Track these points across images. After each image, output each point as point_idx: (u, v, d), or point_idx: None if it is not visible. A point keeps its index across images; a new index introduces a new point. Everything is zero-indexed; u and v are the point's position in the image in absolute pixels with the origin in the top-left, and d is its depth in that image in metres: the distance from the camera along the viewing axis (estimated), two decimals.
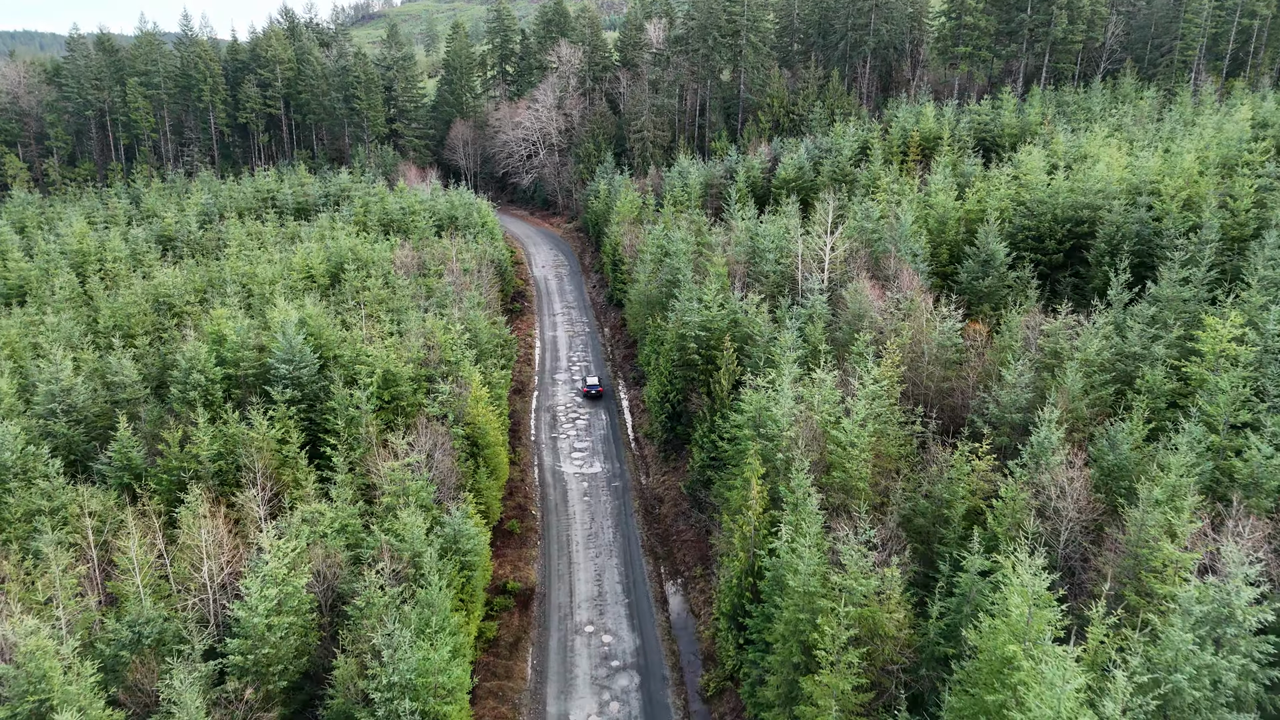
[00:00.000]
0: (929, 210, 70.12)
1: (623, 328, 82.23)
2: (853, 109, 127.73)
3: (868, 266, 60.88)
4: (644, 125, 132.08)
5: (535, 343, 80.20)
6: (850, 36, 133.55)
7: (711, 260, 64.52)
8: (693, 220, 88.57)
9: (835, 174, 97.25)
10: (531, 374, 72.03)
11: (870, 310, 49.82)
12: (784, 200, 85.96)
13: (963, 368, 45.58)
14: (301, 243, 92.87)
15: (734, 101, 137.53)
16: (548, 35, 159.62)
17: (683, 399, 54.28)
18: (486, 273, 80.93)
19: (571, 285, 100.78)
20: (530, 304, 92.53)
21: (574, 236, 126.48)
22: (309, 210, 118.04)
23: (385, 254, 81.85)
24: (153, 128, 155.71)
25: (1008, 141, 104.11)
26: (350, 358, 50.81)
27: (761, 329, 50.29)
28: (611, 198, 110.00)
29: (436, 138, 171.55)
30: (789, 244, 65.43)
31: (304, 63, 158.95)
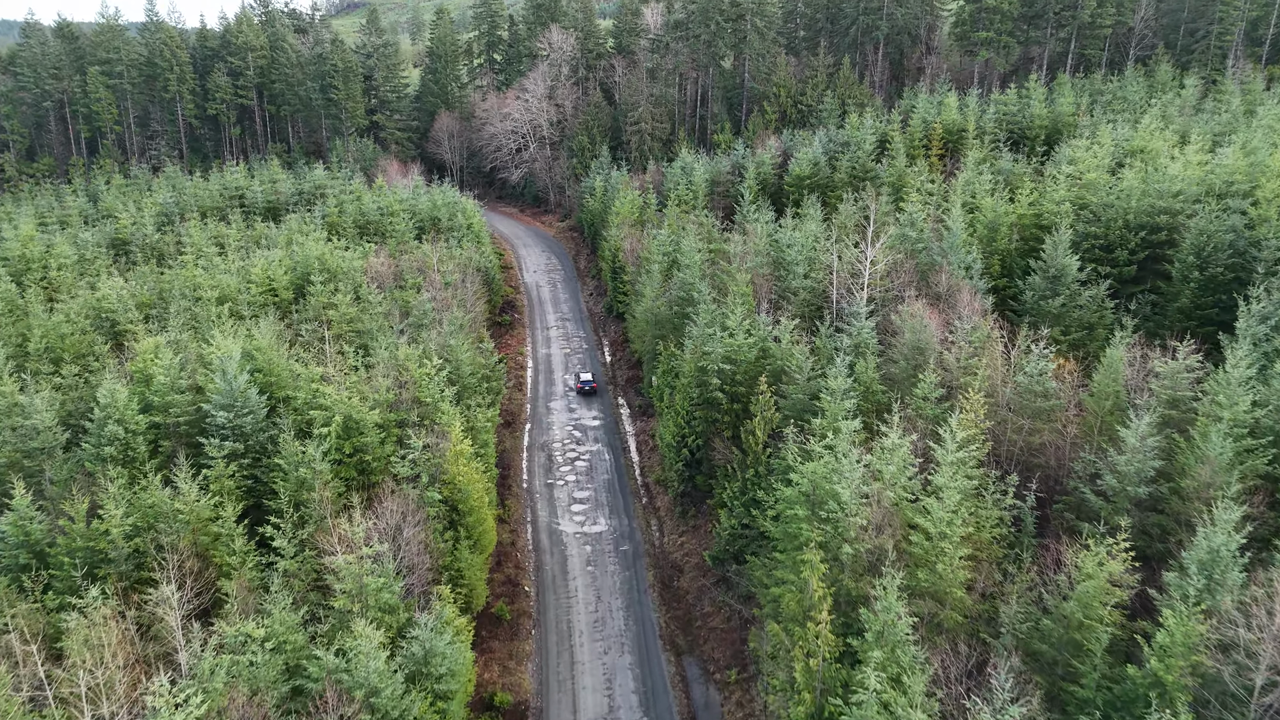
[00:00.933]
0: (975, 215, 61.64)
1: (624, 344, 73.62)
2: (866, 99, 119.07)
3: (914, 283, 52.36)
4: (641, 116, 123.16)
5: (527, 362, 71.47)
6: (862, 21, 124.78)
7: (732, 276, 55.87)
8: (700, 223, 79.89)
9: (855, 171, 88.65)
10: (523, 402, 63.32)
11: (931, 341, 41.30)
12: (805, 201, 77.29)
13: (1054, 417, 37.14)
14: (267, 248, 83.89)
15: (737, 91, 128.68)
16: (537, 21, 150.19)
17: (703, 443, 45.77)
18: (472, 283, 72.11)
19: (566, 293, 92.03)
20: (521, 315, 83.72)
21: (567, 236, 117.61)
22: (280, 210, 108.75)
23: (357, 263, 72.87)
24: (116, 120, 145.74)
25: (1039, 134, 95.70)
26: (304, 400, 42.05)
27: (799, 363, 41.74)
28: (609, 197, 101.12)
29: (420, 130, 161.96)
30: (819, 254, 56.83)
31: (278, 50, 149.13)
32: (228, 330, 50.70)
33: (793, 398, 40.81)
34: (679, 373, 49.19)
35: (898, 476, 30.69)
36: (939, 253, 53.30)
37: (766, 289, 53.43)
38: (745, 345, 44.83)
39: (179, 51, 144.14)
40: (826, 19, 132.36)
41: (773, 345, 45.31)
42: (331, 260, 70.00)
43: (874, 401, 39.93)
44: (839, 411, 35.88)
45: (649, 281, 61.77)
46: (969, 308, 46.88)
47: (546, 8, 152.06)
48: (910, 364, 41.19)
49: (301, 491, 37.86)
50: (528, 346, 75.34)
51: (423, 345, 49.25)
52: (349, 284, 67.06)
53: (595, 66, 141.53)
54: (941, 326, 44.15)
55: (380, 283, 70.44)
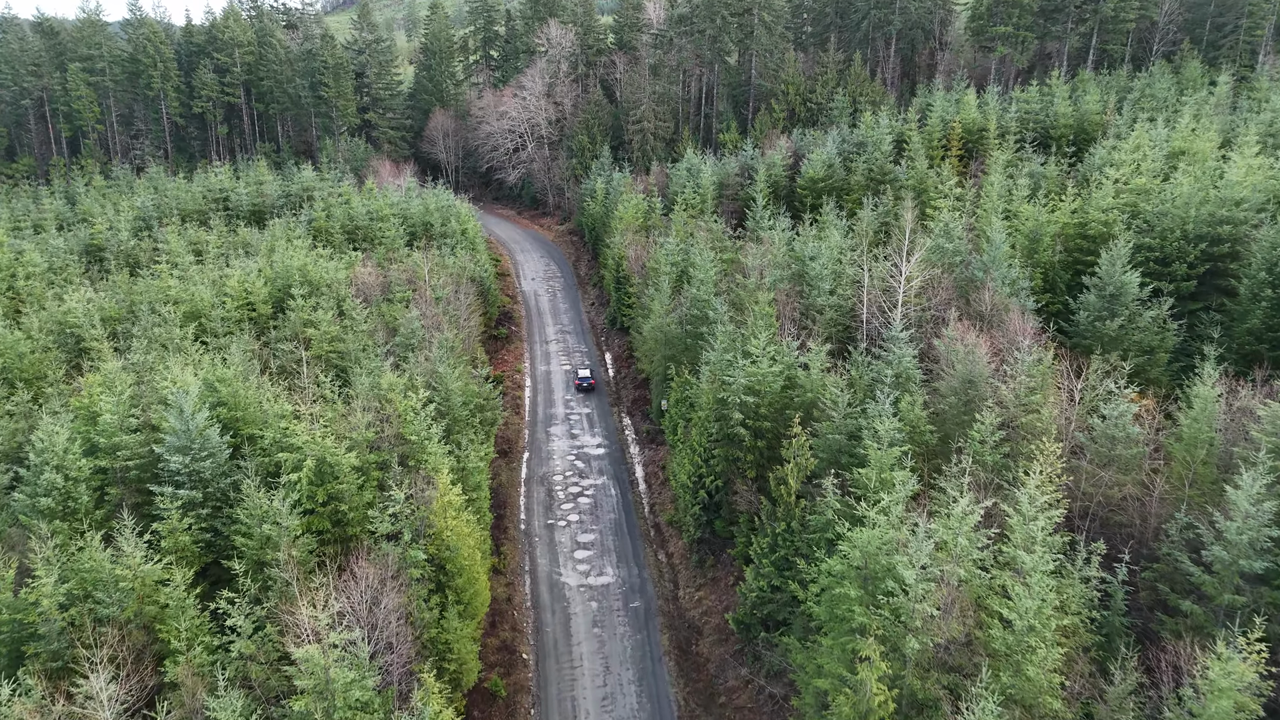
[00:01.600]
0: (1013, 223, 56.65)
1: (629, 359, 68.62)
2: (879, 97, 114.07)
3: (953, 301, 47.36)
4: (644, 115, 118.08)
5: (525, 381, 66.41)
6: (873, 16, 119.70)
7: (751, 292, 50.85)
8: (710, 229, 74.86)
9: (872, 173, 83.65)
10: (520, 427, 58.27)
11: (984, 373, 36.30)
12: (823, 206, 72.26)
13: (1136, 465, 32.16)
14: (249, 256, 78.80)
15: (744, 88, 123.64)
16: (535, 16, 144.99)
17: (723, 485, 40.79)
18: (466, 296, 67.05)
19: (566, 302, 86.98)
20: (519, 327, 78.65)
21: (567, 241, 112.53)
22: (266, 213, 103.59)
23: (343, 273, 67.80)
24: (98, 118, 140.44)
25: (1064, 134, 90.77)
26: (272, 440, 37.02)
27: (834, 397, 36.74)
28: (610, 200, 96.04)
29: (414, 129, 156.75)
30: (845, 267, 51.79)
31: (266, 46, 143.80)
32: (191, 357, 45.62)
33: (828, 438, 35.80)
34: (694, 403, 44.18)
35: (968, 549, 25.70)
36: (979, 267, 48.29)
37: (788, 307, 48.41)
38: (770, 374, 39.82)
39: (163, 47, 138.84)
40: (836, 13, 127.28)
41: (800, 374, 40.30)
42: (314, 271, 64.92)
43: (922, 443, 34.96)
44: (886, 460, 30.91)
45: (657, 296, 56.75)
46: (1019, 331, 41.90)
47: (545, 2, 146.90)
48: (961, 399, 36.20)
49: (266, 550, 32.86)
50: (526, 363, 70.27)
51: (409, 372, 44.18)
52: (333, 298, 62.00)
53: (595, 63, 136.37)
54: (990, 353, 39.16)
55: (367, 295, 65.41)
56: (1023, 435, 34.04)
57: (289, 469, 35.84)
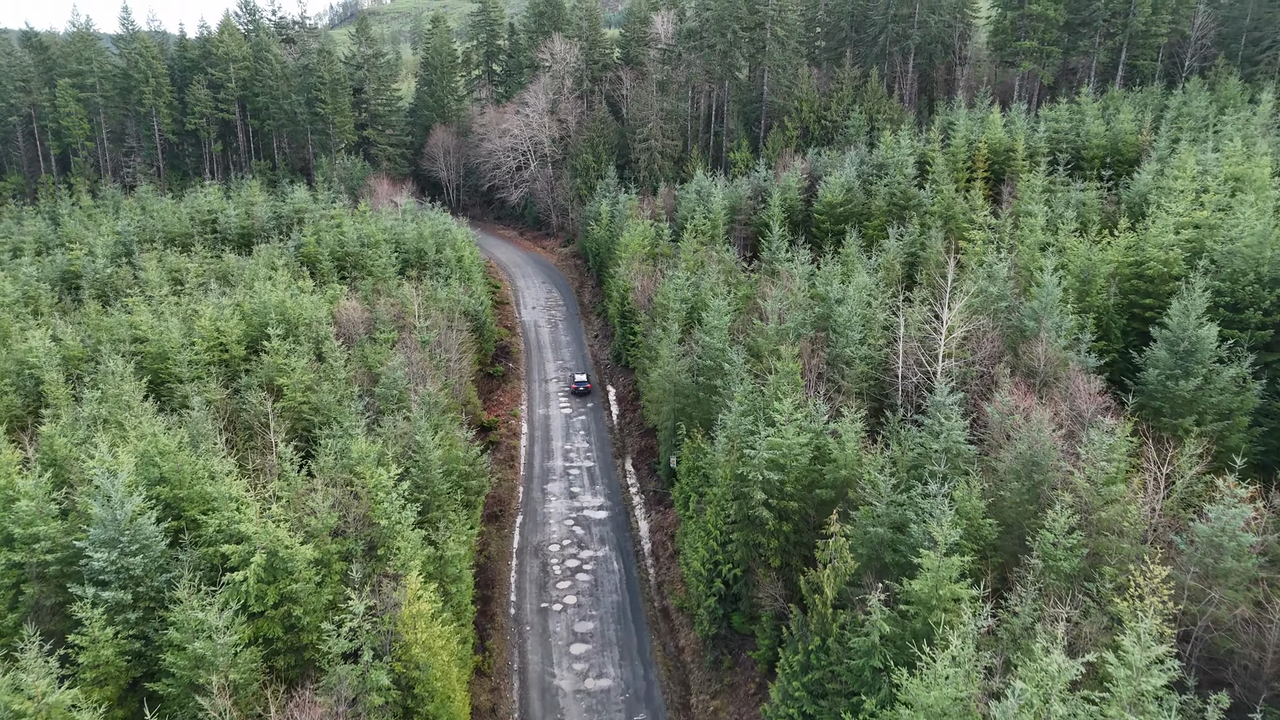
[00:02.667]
0: (1059, 258, 51.19)
1: (635, 402, 63.31)
2: (897, 114, 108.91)
3: (1003, 356, 41.92)
4: (651, 133, 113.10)
5: (521, 428, 61.02)
6: (890, 30, 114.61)
7: (770, 340, 45.49)
8: (721, 260, 69.62)
9: (895, 198, 78.36)
10: (514, 484, 52.84)
11: (1051, 452, 30.81)
12: (844, 236, 66.94)
13: (1248, 582, 26.61)
14: (229, 286, 73.88)
15: (755, 105, 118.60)
16: (539, 30, 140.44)
17: (742, 573, 35.34)
18: (458, 334, 61.87)
19: (568, 334, 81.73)
20: (517, 364, 73.36)
21: (570, 265, 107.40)
22: (256, 237, 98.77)
23: (324, 309, 62.70)
24: (88, 135, 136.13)
25: (1096, 155, 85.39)
26: (217, 529, 31.74)
27: (874, 481, 31.33)
28: (616, 225, 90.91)
29: (414, 146, 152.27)
30: (875, 311, 46.38)
31: (261, 61, 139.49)
32: (139, 419, 40.38)
33: (868, 530, 30.34)
34: (709, 476, 38.76)
35: (1060, 704, 20.20)
36: (1029, 315, 42.84)
37: (813, 359, 43.01)
38: (797, 446, 34.38)
39: (155, 62, 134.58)
40: (851, 27, 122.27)
41: (832, 444, 34.85)
42: (293, 308, 59.79)
43: (980, 538, 29.50)
44: (945, 573, 25.47)
45: (665, 339, 51.36)
46: (1081, 393, 36.44)
47: (549, 16, 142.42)
48: (1024, 484, 30.72)
49: (199, 671, 27.55)
50: (523, 406, 64.89)
51: (384, 437, 38.85)
52: (312, 338, 56.90)
53: (601, 79, 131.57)
54: (1051, 420, 33.67)
55: (350, 334, 60.28)
56: (1102, 531, 28.59)
57: (235, 562, 30.59)
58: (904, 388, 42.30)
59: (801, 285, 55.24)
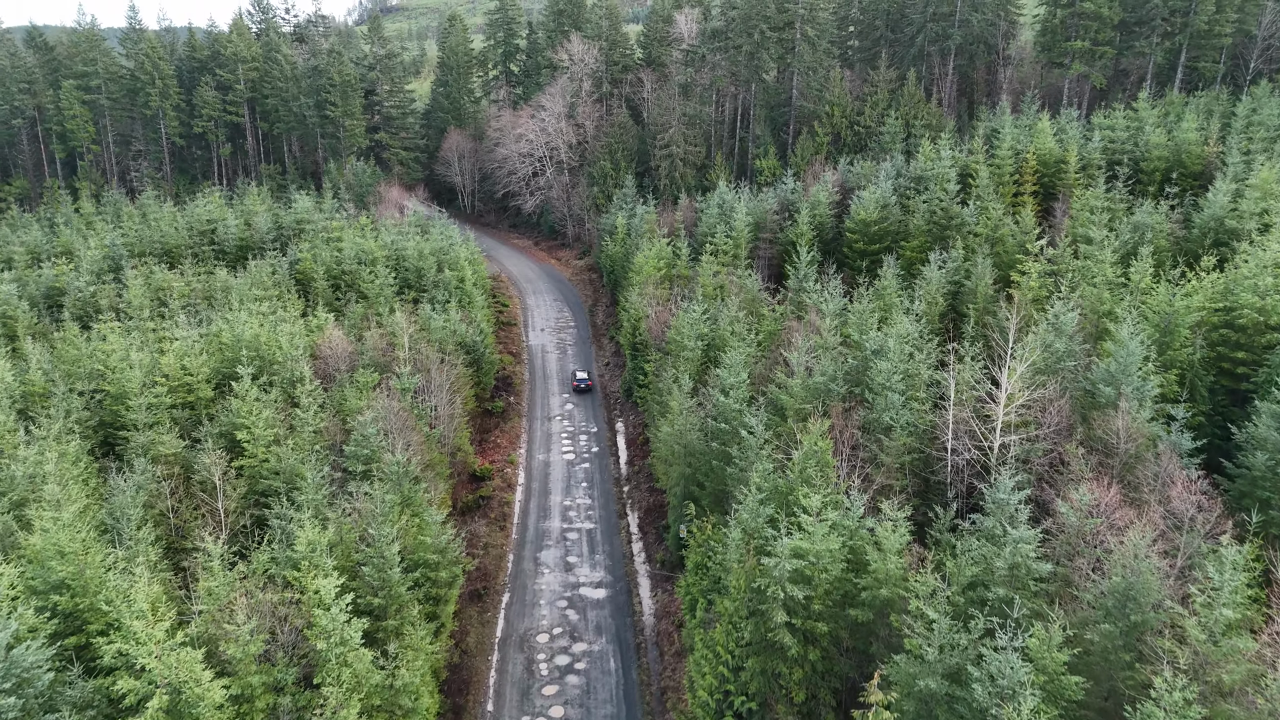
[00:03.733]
0: (1132, 300, 44.32)
1: (644, 446, 57.25)
2: (936, 120, 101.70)
3: (1070, 426, 35.28)
4: (673, 139, 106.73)
5: (518, 478, 55.07)
6: (929, 30, 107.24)
7: (795, 400, 39.15)
8: (743, 286, 63.21)
9: (935, 217, 71.50)
10: (504, 549, 46.83)
11: (1152, 582, 24.26)
12: (880, 263, 60.27)
13: None
14: (212, 309, 68.70)
15: (783, 110, 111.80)
16: (558, 29, 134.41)
17: (758, 707, 29.13)
18: (452, 368, 56.08)
19: (578, 360, 75.73)
20: (519, 397, 67.45)
21: (585, 279, 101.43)
22: (255, 250, 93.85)
23: (305, 340, 57.21)
24: (93, 138, 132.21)
25: (1156, 168, 77.88)
26: (113, 657, 26.10)
27: (927, 617, 24.98)
28: (632, 241, 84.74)
29: (429, 149, 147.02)
30: (919, 365, 39.84)
31: (271, 62, 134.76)
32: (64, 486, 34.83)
33: (917, 682, 24.03)
34: (720, 580, 32.54)
35: None
36: (1104, 378, 36.13)
37: (846, 431, 36.59)
38: (827, 553, 28.08)
39: (162, 63, 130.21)
40: (887, 26, 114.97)
41: (871, 552, 28.49)
42: (269, 343, 54.26)
43: (1062, 697, 23.06)
44: None
45: (677, 390, 45.07)
46: (1181, 490, 29.79)
47: (569, 14, 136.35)
48: (1118, 628, 24.20)
49: None
50: (521, 449, 58.91)
51: (336, 523, 32.97)
52: (287, 377, 51.37)
53: (621, 81, 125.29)
54: (1136, 519, 27.10)
55: (332, 371, 54.70)
56: (1222, 696, 22.09)
57: (131, 702, 24.94)
58: (954, 461, 35.80)
59: (832, 324, 48.80)
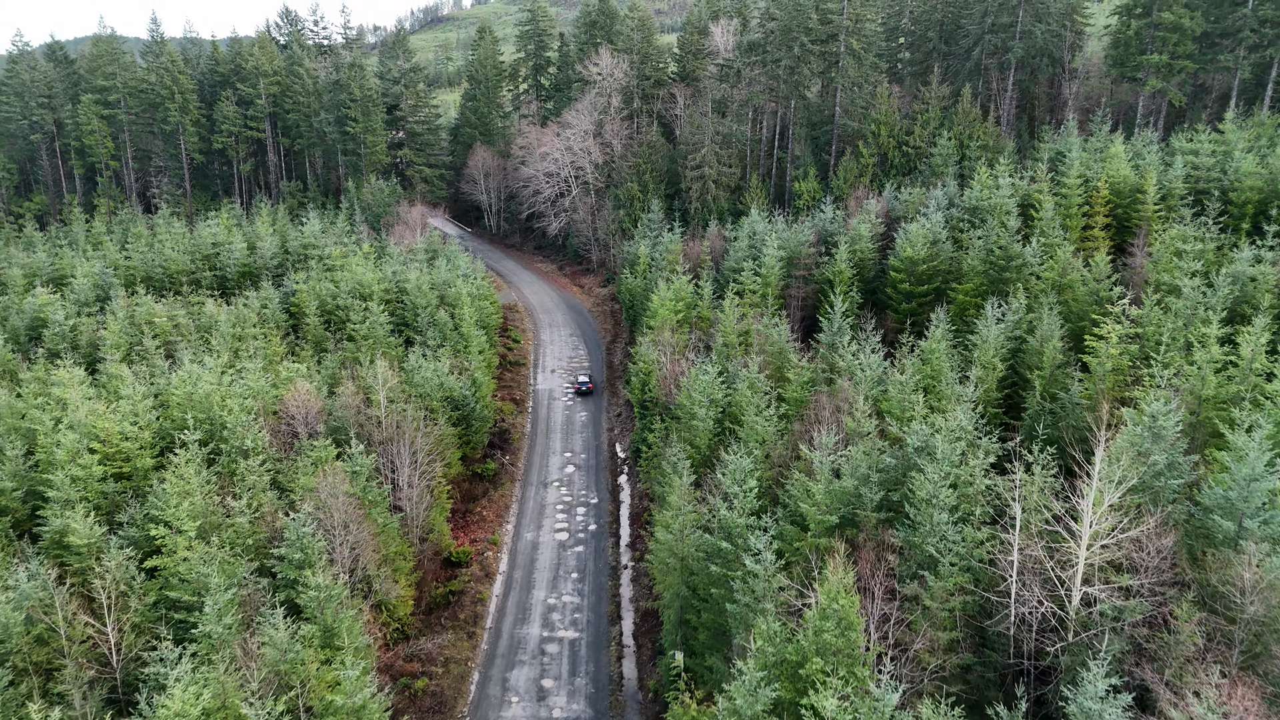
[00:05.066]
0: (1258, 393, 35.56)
1: (651, 526, 49.53)
2: (993, 141, 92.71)
3: (1175, 574, 26.90)
4: (704, 160, 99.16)
5: (499, 562, 47.65)
6: (987, 42, 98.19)
7: (817, 511, 31.29)
8: (770, 340, 55.18)
9: (992, 257, 62.85)
10: (469, 665, 39.33)
11: None
12: (929, 318, 51.90)
13: None
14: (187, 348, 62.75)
15: (825, 128, 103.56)
16: (589, 41, 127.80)
17: None
18: (433, 427, 49.17)
19: (586, 409, 68.38)
20: (516, 455, 60.24)
21: (606, 312, 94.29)
22: (260, 276, 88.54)
23: (268, 396, 50.79)
24: (112, 154, 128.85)
25: (1249, 200, 68.20)
26: None
27: None
28: (653, 274, 77.25)
29: (456, 166, 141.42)
30: (973, 471, 31.65)
31: (293, 76, 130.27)
32: None
33: None
34: None
35: None
36: (1219, 505, 27.65)
37: (878, 561, 28.60)
38: None
39: (182, 77, 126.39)
40: (940, 38, 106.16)
41: None
42: (223, 401, 47.82)
43: None
44: None
45: (676, 482, 37.34)
46: None
47: (601, 25, 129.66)
48: None
49: None
50: (509, 525, 51.53)
51: (218, 684, 26.02)
52: (238, 442, 44.86)
53: (653, 96, 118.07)
54: None
55: (294, 435, 48.13)
56: None
57: None
58: (1019, 611, 27.64)
59: (868, 398, 40.79)
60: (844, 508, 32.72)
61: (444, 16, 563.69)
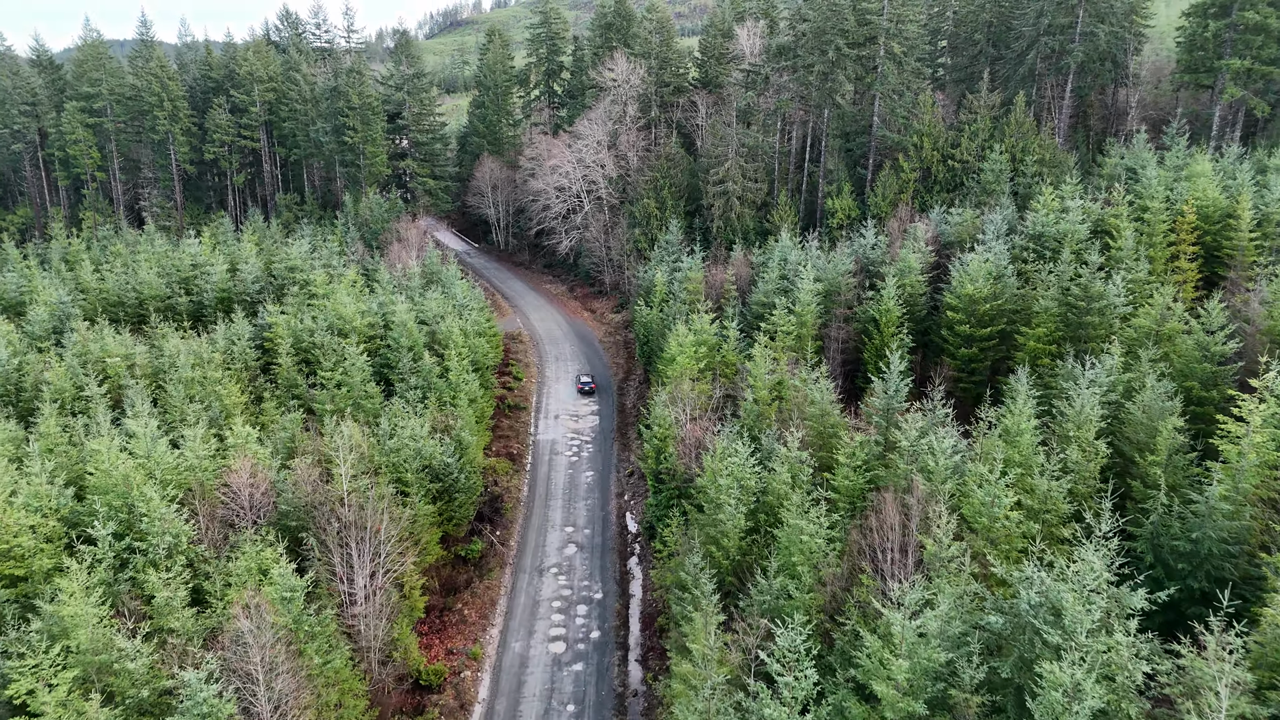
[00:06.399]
0: None
1: (668, 630, 40.58)
2: (1050, 154, 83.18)
3: None
4: (728, 173, 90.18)
5: (478, 687, 38.74)
6: (1044, 44, 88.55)
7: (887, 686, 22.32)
8: (808, 400, 46.05)
9: (1071, 299, 53.41)
10: None
11: None
12: (1011, 387, 42.50)
13: None
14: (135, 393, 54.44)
15: (860, 139, 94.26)
16: (605, 44, 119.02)
17: None
18: (401, 520, 40.48)
19: (593, 468, 59.44)
20: (507, 533, 51.34)
21: (619, 342, 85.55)
22: (240, 303, 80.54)
23: (204, 473, 42.29)
24: (98, 164, 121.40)
25: None
26: None
27: None
28: (671, 308, 68.26)
29: (463, 178, 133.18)
30: (1120, 653, 22.42)
31: (289, 81, 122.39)
32: None
33: None
34: None
35: None
36: None
37: None
38: None
39: (171, 83, 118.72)
40: (989, 41, 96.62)
41: None
42: (142, 486, 39.29)
43: None
44: None
45: (699, 621, 28.46)
46: None
47: (617, 28, 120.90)
48: None
49: None
50: (494, 629, 42.54)
51: None
52: (155, 544, 36.37)
53: (672, 104, 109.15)
54: None
55: (237, 518, 39.61)
56: None
57: None
58: None
59: (947, 497, 31.71)
60: (932, 685, 23.66)
61: (463, 20, 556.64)
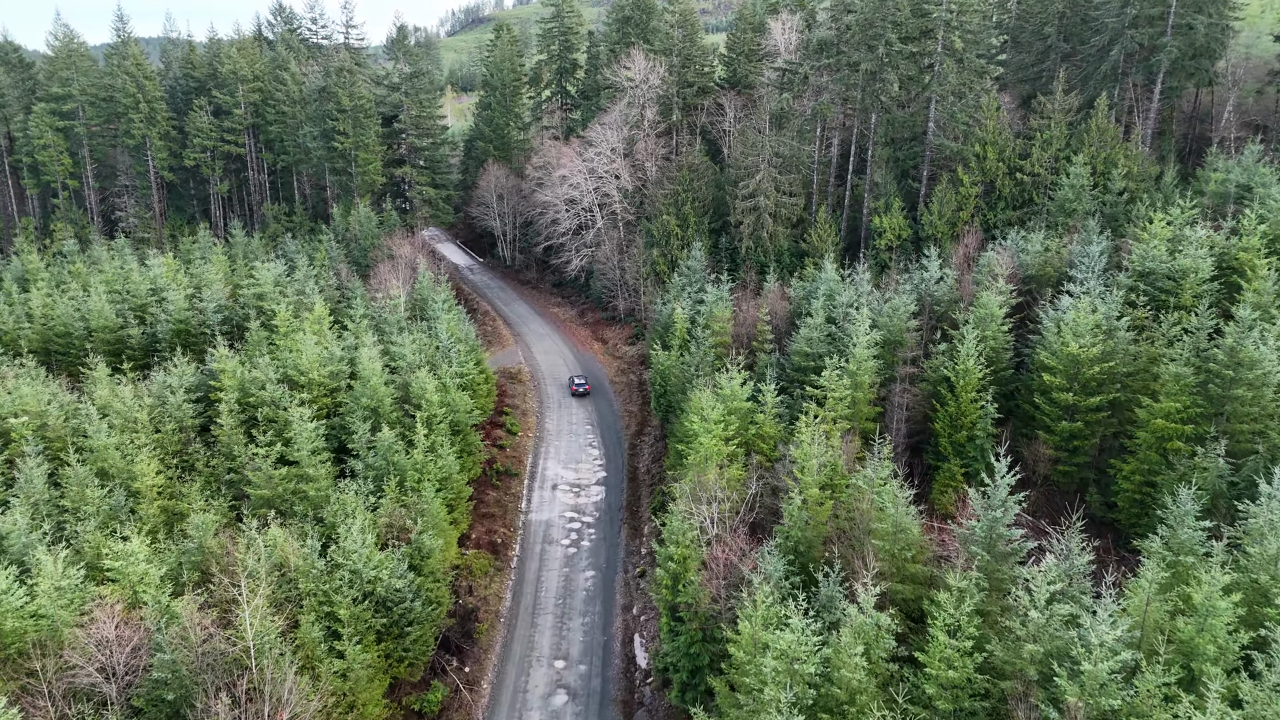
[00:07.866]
0: None
1: None
2: (1137, 166, 70.81)
3: None
4: (760, 186, 78.34)
5: None
6: (1128, 39, 75.83)
7: None
8: (873, 509, 34.05)
9: (1204, 359, 41.24)
10: None
11: None
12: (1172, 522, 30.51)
13: None
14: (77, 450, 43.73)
15: (911, 148, 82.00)
16: (622, 41, 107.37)
17: None
18: (325, 684, 29.22)
19: (594, 564, 47.84)
20: (481, 662, 39.90)
21: (632, 383, 74.10)
22: (199, 337, 69.98)
23: (63, 618, 31.30)
24: (69, 171, 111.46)
25: None
26: None
27: None
28: (692, 360, 56.42)
29: (465, 186, 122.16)
30: None
31: (276, 81, 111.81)
32: None
33: None
34: None
35: None
36: None
37: None
38: None
39: (147, 84, 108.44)
40: (1060, 35, 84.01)
41: None
42: None
43: None
44: None
45: None
46: None
47: (635, 23, 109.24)
48: None
49: None
50: None
51: None
52: None
53: (696, 107, 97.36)
54: None
55: (79, 703, 28.51)
56: None
57: None
58: None
59: (1111, 704, 19.92)
60: None
61: (485, 17, 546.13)
